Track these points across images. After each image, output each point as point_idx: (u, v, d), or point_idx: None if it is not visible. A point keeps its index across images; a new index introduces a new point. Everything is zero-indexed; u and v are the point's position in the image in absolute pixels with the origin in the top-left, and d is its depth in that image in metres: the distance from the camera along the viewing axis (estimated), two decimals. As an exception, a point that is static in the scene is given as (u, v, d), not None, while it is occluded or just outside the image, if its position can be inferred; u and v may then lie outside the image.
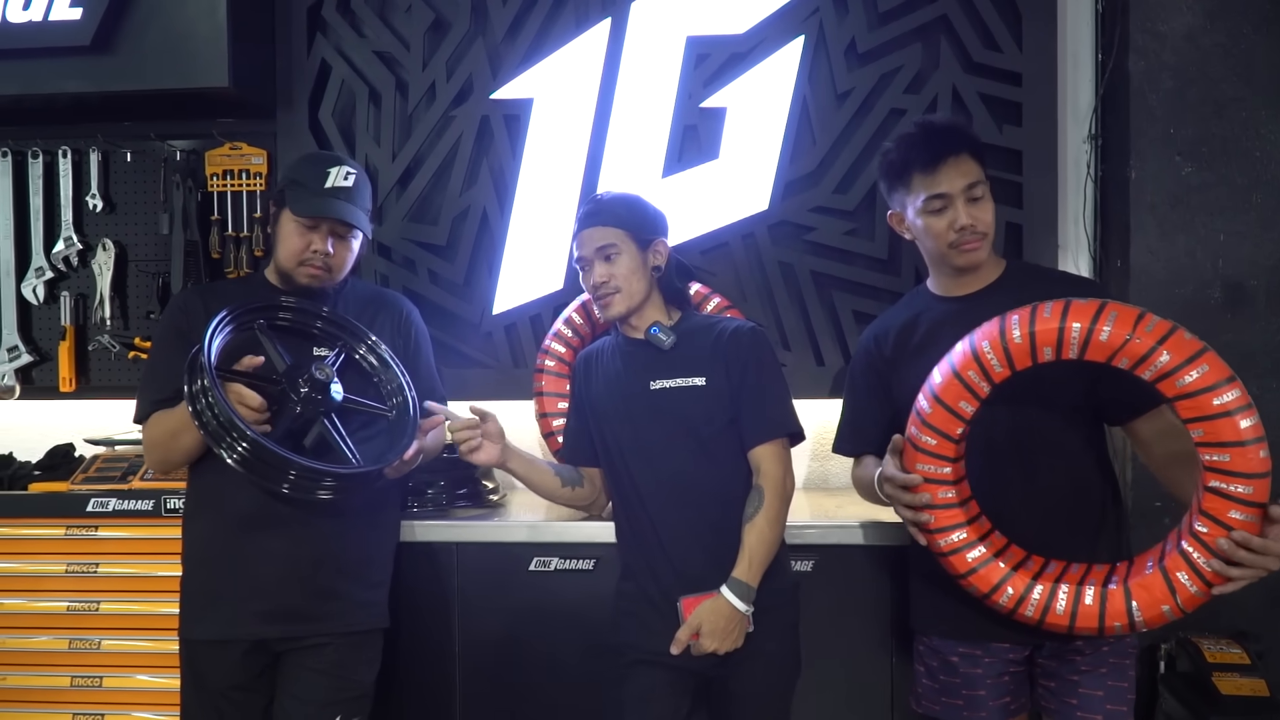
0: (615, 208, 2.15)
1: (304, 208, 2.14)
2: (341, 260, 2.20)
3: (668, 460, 2.07)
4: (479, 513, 2.55)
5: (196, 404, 1.89)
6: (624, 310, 2.12)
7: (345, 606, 2.14)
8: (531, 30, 2.96)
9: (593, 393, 2.21)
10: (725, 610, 1.96)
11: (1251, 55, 2.65)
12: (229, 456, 1.88)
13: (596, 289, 2.13)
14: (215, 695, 2.11)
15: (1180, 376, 1.63)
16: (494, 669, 2.42)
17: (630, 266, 2.12)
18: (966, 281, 2.05)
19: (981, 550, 1.84)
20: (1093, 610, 1.77)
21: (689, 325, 2.17)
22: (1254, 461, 1.63)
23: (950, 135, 2.01)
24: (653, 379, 2.11)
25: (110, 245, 3.06)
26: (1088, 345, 1.69)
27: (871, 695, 2.36)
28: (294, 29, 3.00)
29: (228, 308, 2.04)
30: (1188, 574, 1.70)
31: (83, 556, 2.60)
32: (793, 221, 2.91)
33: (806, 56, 2.88)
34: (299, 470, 1.90)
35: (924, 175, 1.98)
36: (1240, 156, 2.66)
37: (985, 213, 1.98)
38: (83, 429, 2.94)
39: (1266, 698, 2.30)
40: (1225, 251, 2.66)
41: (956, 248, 1.98)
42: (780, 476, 2.06)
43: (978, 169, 1.99)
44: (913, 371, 2.00)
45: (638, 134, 2.93)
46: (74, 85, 2.79)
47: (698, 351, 2.11)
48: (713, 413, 2.07)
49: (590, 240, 2.13)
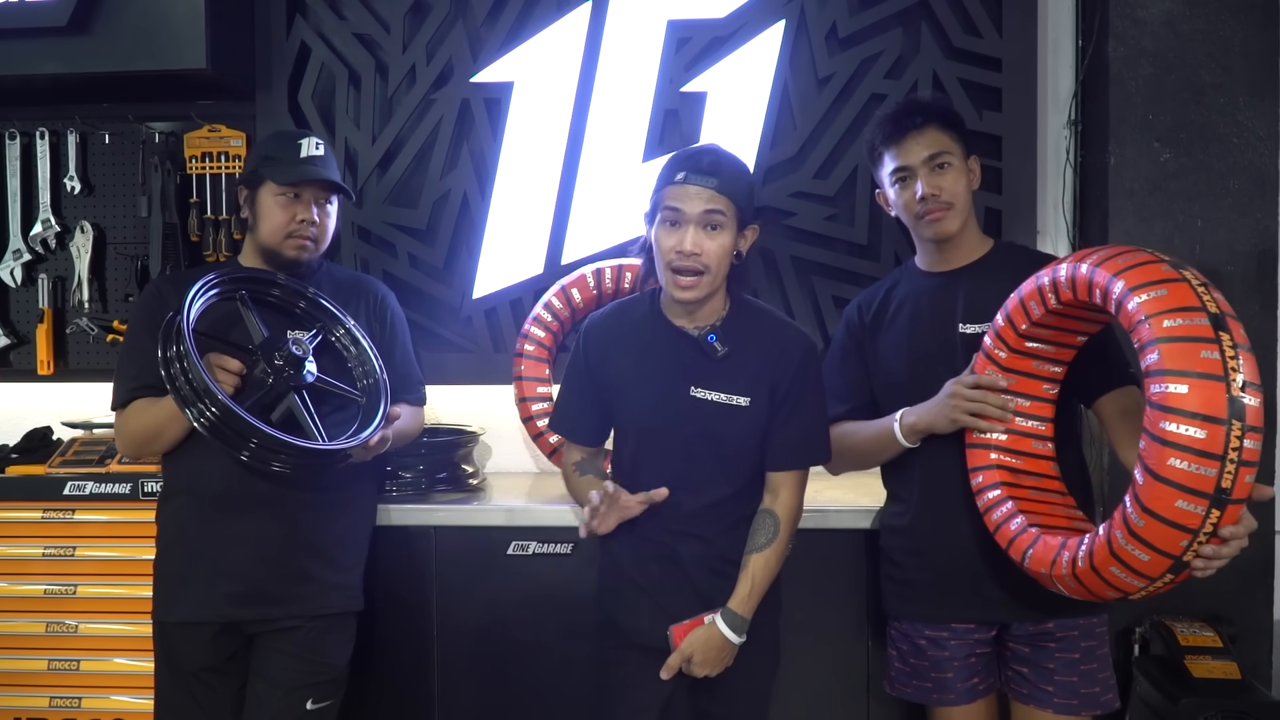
0: (732, 174, 1.88)
1: (287, 175, 2.15)
2: (324, 229, 2.23)
3: (687, 468, 1.95)
4: (458, 497, 2.55)
5: (170, 367, 1.90)
6: (699, 296, 1.89)
7: (317, 589, 2.14)
8: (512, 13, 2.95)
9: (614, 369, 2.01)
10: (717, 641, 1.91)
11: (1230, 42, 2.66)
12: (198, 420, 1.89)
13: (681, 256, 1.85)
14: (188, 677, 2.12)
15: (1133, 297, 1.54)
16: (472, 652, 2.43)
17: (726, 247, 1.88)
18: (949, 257, 2.07)
19: (1021, 520, 1.83)
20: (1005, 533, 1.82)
21: (739, 323, 1.97)
22: (1213, 402, 1.44)
23: (914, 109, 2.04)
24: (694, 385, 1.93)
25: (88, 228, 3.04)
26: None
27: (849, 679, 2.37)
28: (273, 11, 2.97)
29: (215, 272, 2.06)
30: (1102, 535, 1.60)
31: (60, 540, 2.59)
32: (773, 206, 2.91)
33: (787, 41, 2.88)
34: (260, 439, 1.91)
35: (889, 149, 2.04)
36: (1218, 143, 2.66)
37: (950, 182, 2.00)
38: (60, 412, 2.93)
39: (1238, 680, 2.32)
40: (1203, 237, 2.67)
41: (922, 218, 2.01)
42: (797, 507, 1.99)
43: (946, 139, 2.01)
44: (883, 341, 2.09)
45: (618, 118, 2.92)
46: (51, 66, 2.76)
47: (746, 364, 1.94)
48: (749, 436, 1.95)
49: (699, 198, 1.84)
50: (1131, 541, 1.53)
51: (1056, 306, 1.77)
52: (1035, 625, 1.96)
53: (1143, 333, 1.53)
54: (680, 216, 1.86)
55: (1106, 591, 1.64)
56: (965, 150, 2.04)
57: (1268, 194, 2.65)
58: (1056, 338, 1.87)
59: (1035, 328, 1.83)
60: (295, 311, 2.20)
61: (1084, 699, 1.96)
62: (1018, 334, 1.85)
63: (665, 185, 1.89)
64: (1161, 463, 1.48)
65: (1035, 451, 1.91)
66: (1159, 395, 1.49)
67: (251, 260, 2.25)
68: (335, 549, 2.18)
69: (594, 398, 2.05)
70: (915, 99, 2.25)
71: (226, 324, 2.11)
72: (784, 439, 1.96)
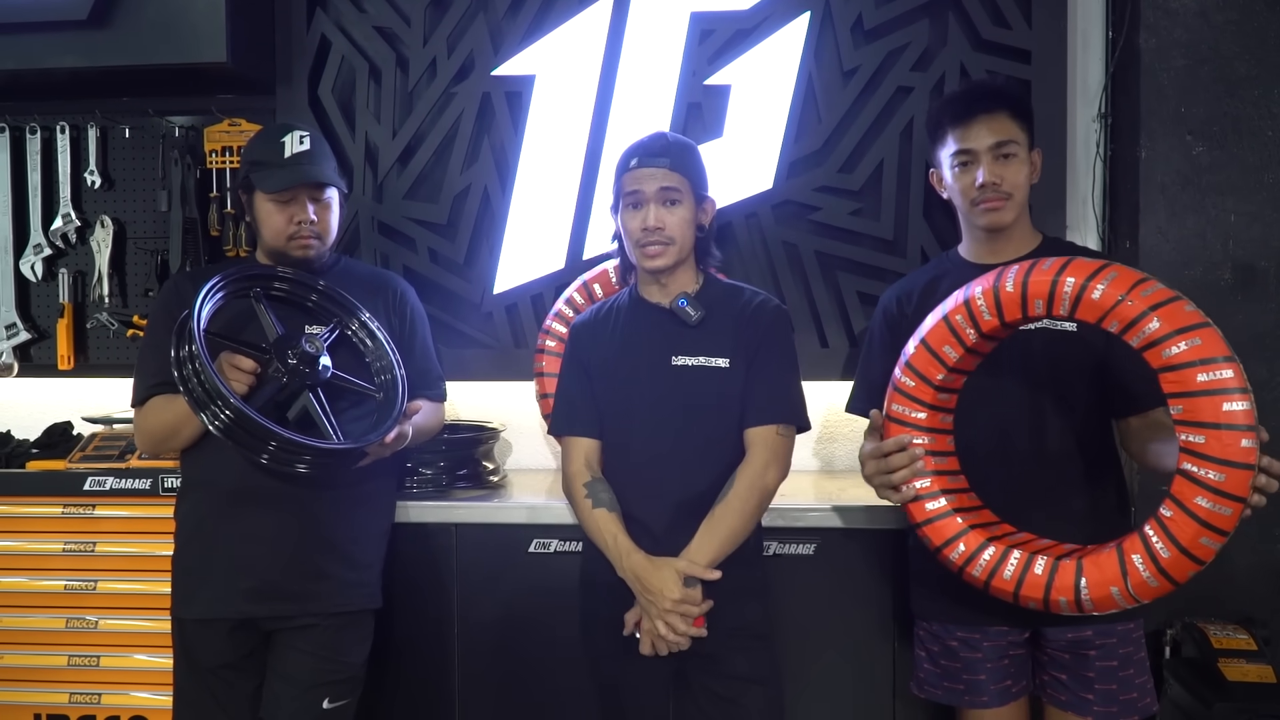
0: (682, 153, 2.04)
1: (273, 183, 2.13)
2: (326, 224, 2.20)
3: (677, 438, 2.00)
4: (479, 494, 2.53)
5: (183, 369, 1.89)
6: (670, 263, 2.01)
7: (334, 586, 2.12)
8: (534, 6, 2.92)
9: (600, 353, 2.10)
10: None
11: (1264, 33, 2.61)
12: (212, 423, 1.88)
13: (646, 233, 1.99)
14: (206, 674, 2.11)
15: (1167, 346, 1.56)
16: (493, 650, 2.41)
17: (686, 219, 2.02)
18: (996, 250, 2.03)
19: (942, 503, 1.81)
20: (1039, 581, 1.71)
21: (712, 295, 2.08)
22: (1233, 449, 1.53)
23: (987, 92, 2.01)
24: (674, 354, 2.03)
25: (108, 222, 3.04)
26: (1079, 303, 1.63)
27: (874, 680, 2.34)
28: (293, 4, 2.95)
29: (221, 273, 2.04)
30: (1143, 557, 1.62)
31: (80, 535, 2.59)
32: (797, 201, 2.87)
33: (812, 33, 2.84)
34: (279, 442, 1.89)
35: (955, 129, 1.98)
36: (1252, 136, 2.61)
37: (1013, 173, 1.95)
38: (81, 407, 2.93)
39: (1273, 684, 2.27)
40: (1236, 232, 2.62)
41: (978, 205, 1.97)
42: (761, 465, 1.97)
43: (1015, 128, 1.96)
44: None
45: (641, 111, 2.89)
46: (71, 60, 2.76)
47: (722, 327, 2.03)
48: (730, 395, 2.01)
49: (653, 179, 2.00)
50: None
51: (977, 342, 1.76)
52: (1074, 632, 1.93)
53: (1174, 380, 1.58)
54: (640, 197, 2.01)
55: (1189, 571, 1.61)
56: (1031, 141, 2.00)
57: (1303, 187, 2.61)
58: (969, 365, 1.84)
59: (952, 373, 1.81)
60: (308, 305, 2.18)
61: (1123, 705, 1.93)
62: (934, 387, 1.81)
63: (623, 174, 2.06)
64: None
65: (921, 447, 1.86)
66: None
67: (265, 259, 2.24)
68: (353, 546, 2.17)
69: (590, 389, 2.11)
70: (987, 82, 2.22)
71: (241, 322, 2.09)
72: (755, 395, 2.01)
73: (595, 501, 2.02)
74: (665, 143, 2.04)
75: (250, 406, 1.88)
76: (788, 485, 2.07)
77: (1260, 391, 2.58)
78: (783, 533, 2.30)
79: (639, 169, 2.01)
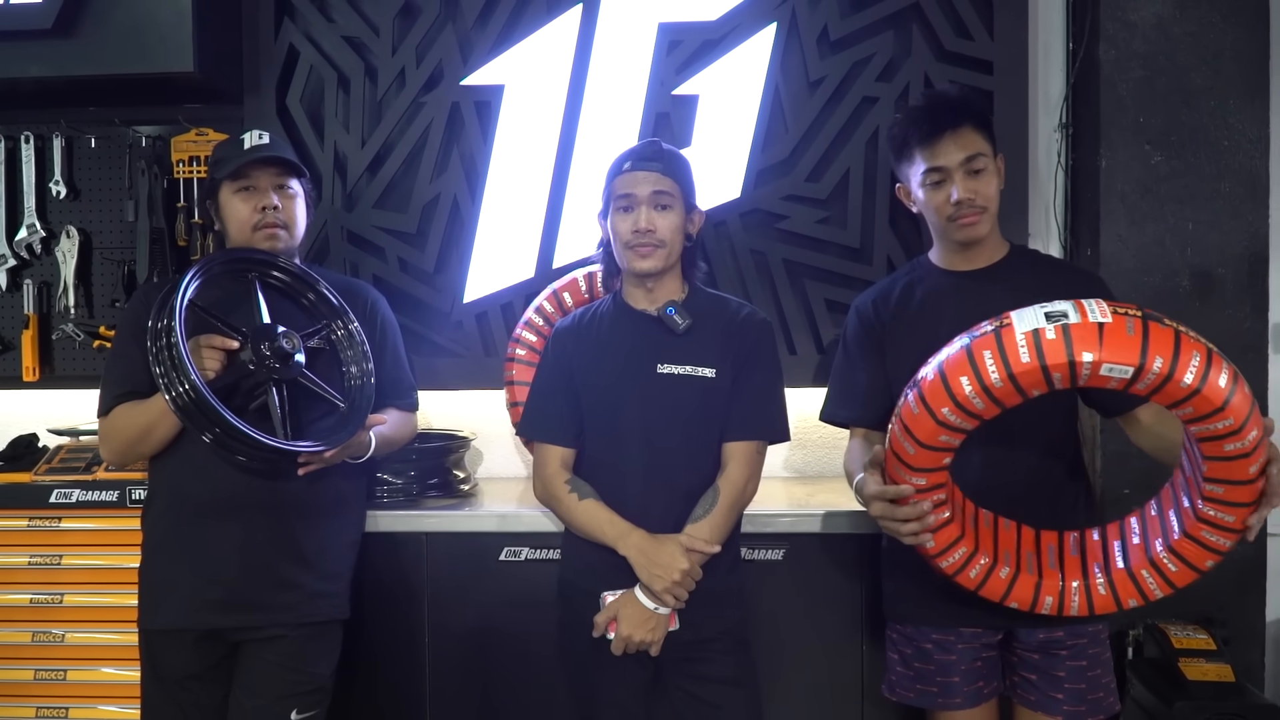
0: (675, 160, 2.06)
1: (233, 166, 2.15)
2: (292, 214, 2.21)
3: (661, 445, 2.01)
4: (449, 503, 2.53)
5: (157, 340, 1.90)
6: (660, 266, 2.02)
7: (301, 597, 2.11)
8: (502, 16, 2.93)
9: (585, 359, 2.10)
10: (634, 605, 1.96)
11: (1221, 45, 2.66)
12: (168, 394, 1.89)
13: (638, 234, 2.00)
14: (173, 685, 2.10)
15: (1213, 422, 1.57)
16: (465, 659, 2.41)
17: (676, 225, 2.03)
18: (969, 257, 2.05)
19: (959, 553, 1.81)
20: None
21: (699, 304, 2.09)
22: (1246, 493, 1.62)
23: (950, 108, 2.01)
24: (660, 362, 2.03)
25: (74, 232, 3.01)
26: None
27: (843, 683, 2.36)
28: (261, 13, 2.95)
29: (217, 252, 2.06)
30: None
31: (46, 548, 2.56)
32: (765, 210, 2.90)
33: (779, 44, 2.87)
34: (224, 427, 1.89)
35: (923, 148, 1.99)
36: (1209, 146, 2.67)
37: (985, 186, 1.97)
38: (46, 419, 2.90)
39: (1232, 683, 2.32)
40: (1194, 240, 2.68)
41: (954, 221, 1.98)
42: (743, 482, 2.01)
43: (980, 141, 1.98)
44: (908, 338, 2.01)
45: (609, 121, 2.90)
46: (36, 70, 2.74)
47: (709, 338, 2.04)
48: (714, 405, 2.02)
49: (646, 182, 2.01)
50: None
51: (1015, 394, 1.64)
52: (1046, 633, 1.95)
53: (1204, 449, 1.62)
54: (632, 200, 2.01)
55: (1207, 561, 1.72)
56: (994, 149, 2.03)
57: (1259, 196, 2.66)
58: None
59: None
60: (303, 302, 2.20)
61: (1091, 705, 1.96)
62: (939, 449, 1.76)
63: (615, 177, 2.07)
64: None
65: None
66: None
67: None
68: (320, 556, 2.16)
69: (568, 393, 2.12)
70: (947, 95, 2.21)
71: (231, 304, 2.09)
72: (735, 409, 2.02)
73: (581, 494, 2.04)
74: (659, 149, 2.06)
75: (210, 389, 1.89)
76: (757, 490, 2.09)
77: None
78: (752, 538, 2.32)
79: (633, 172, 2.03)
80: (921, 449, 1.69)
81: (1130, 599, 1.79)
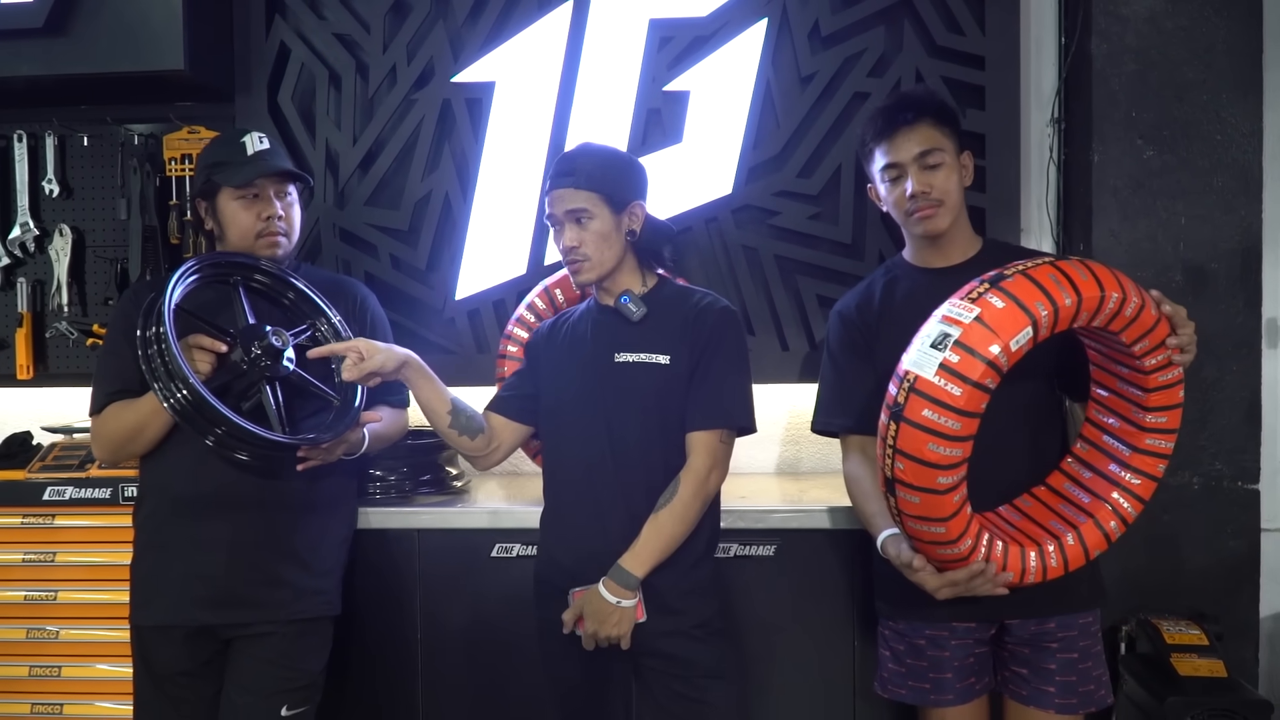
0: (590, 167, 2.02)
1: (241, 176, 2.14)
2: (291, 221, 2.22)
3: (618, 433, 2.01)
4: (441, 499, 2.53)
5: (148, 347, 1.89)
6: (593, 278, 2.04)
7: (291, 594, 2.12)
8: (493, 13, 2.93)
9: (552, 355, 2.15)
10: (597, 600, 1.94)
11: (1213, 38, 2.66)
12: (167, 400, 1.89)
13: (566, 253, 2.04)
14: (165, 681, 2.11)
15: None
16: (456, 655, 2.42)
17: (602, 232, 2.01)
18: (941, 254, 2.06)
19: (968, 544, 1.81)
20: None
21: (662, 295, 2.08)
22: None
23: (906, 104, 2.02)
24: (618, 351, 2.04)
25: (67, 231, 3.02)
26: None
27: (834, 680, 2.36)
28: (252, 11, 2.95)
29: (200, 256, 2.06)
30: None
31: (40, 545, 2.56)
32: (756, 205, 2.90)
33: (770, 39, 2.87)
34: (227, 427, 1.90)
35: (879, 144, 2.02)
36: (1201, 140, 2.66)
37: (941, 179, 1.98)
38: (40, 417, 2.91)
39: (1223, 678, 2.32)
40: (1186, 235, 2.67)
41: (912, 215, 2.00)
42: (705, 470, 1.98)
43: (938, 135, 1.98)
44: (894, 335, 1.97)
45: (601, 117, 2.90)
46: (28, 68, 2.74)
47: (667, 326, 2.03)
48: (672, 393, 2.01)
49: (561, 201, 2.01)
50: None
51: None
52: (1038, 625, 1.96)
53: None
54: (555, 220, 2.05)
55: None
56: (958, 146, 2.02)
57: (1251, 191, 2.66)
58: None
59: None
60: (284, 303, 2.19)
61: (1083, 697, 1.96)
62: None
63: (544, 197, 2.11)
64: None
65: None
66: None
67: None
68: (311, 553, 2.17)
69: (529, 381, 2.20)
70: (907, 94, 2.24)
71: (214, 308, 2.09)
72: (695, 397, 2.01)
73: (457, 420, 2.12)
74: (573, 162, 2.03)
75: (208, 389, 1.89)
76: (750, 487, 2.09)
77: (1210, 391, 2.65)
78: (744, 534, 2.32)
79: (551, 191, 2.04)
80: (926, 495, 1.70)
81: (1110, 521, 1.86)
